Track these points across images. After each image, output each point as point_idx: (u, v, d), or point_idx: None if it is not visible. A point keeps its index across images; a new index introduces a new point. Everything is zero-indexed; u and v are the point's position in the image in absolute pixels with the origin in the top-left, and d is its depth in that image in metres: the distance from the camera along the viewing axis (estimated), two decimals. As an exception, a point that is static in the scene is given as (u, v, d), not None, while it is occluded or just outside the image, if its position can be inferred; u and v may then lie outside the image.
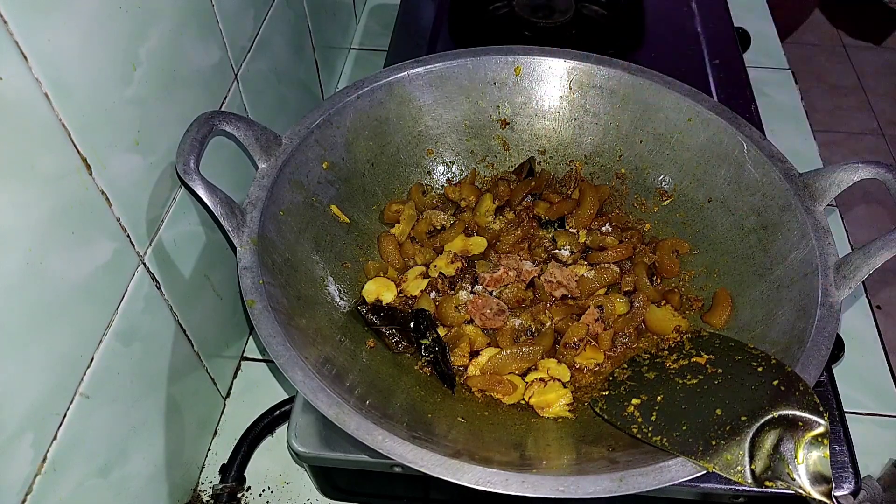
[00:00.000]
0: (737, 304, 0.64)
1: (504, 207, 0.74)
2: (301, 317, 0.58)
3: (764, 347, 0.57)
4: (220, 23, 0.63)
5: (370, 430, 0.48)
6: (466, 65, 0.74)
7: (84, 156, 0.46)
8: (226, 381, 0.74)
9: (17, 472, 0.42)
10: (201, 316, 0.65)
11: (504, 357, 0.62)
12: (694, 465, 0.48)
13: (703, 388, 0.55)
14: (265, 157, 0.63)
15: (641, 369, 0.60)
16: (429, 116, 0.75)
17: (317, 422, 0.58)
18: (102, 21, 0.46)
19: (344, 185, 0.70)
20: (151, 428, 0.58)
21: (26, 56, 0.39)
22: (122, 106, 0.49)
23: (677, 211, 0.73)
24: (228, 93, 0.66)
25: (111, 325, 0.50)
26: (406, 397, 0.58)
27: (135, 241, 0.53)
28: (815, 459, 0.47)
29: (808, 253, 0.60)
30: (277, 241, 0.61)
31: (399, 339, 0.64)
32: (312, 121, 0.67)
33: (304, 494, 0.68)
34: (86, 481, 0.49)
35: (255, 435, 0.69)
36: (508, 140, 0.78)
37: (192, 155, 0.55)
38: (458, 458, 0.48)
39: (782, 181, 0.64)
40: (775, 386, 0.52)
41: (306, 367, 0.51)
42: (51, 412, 0.45)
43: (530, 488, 0.47)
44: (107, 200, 0.49)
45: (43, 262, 0.42)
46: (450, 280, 0.68)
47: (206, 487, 0.67)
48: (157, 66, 0.53)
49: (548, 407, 0.60)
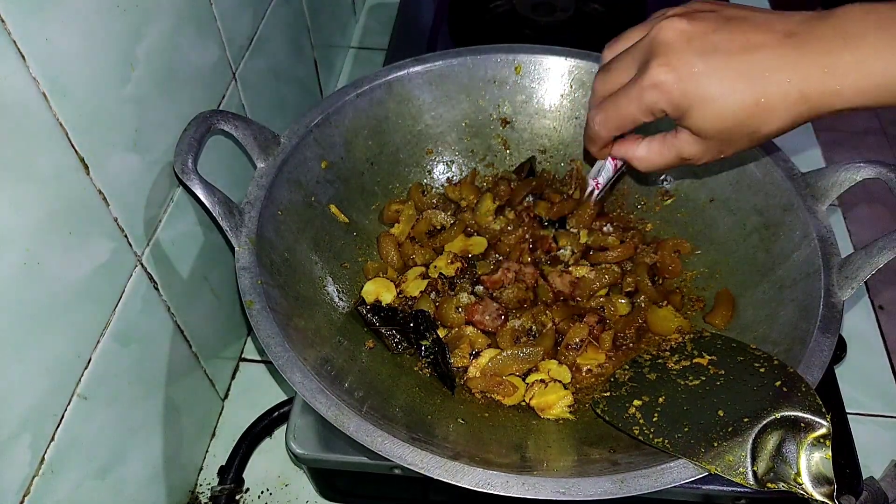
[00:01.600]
0: (739, 304, 0.64)
1: (504, 207, 0.74)
2: (300, 317, 0.58)
3: (766, 348, 0.57)
4: (218, 21, 0.63)
5: (369, 431, 0.48)
6: (466, 63, 0.73)
7: (82, 155, 0.45)
8: (224, 383, 0.73)
9: (15, 473, 0.42)
10: (199, 316, 0.65)
11: (504, 358, 0.62)
12: (696, 466, 0.48)
13: (705, 389, 0.55)
14: (263, 156, 0.63)
15: (643, 370, 0.60)
16: (428, 115, 0.75)
17: (316, 423, 0.57)
18: (100, 20, 0.46)
19: (343, 185, 0.70)
20: (149, 429, 0.58)
21: (24, 55, 0.39)
22: (120, 105, 0.49)
23: (679, 211, 0.73)
24: (226, 92, 0.66)
25: (109, 326, 0.50)
26: (406, 398, 0.58)
27: (132, 242, 0.52)
28: (818, 461, 0.47)
29: (810, 253, 0.60)
30: (276, 241, 0.60)
31: (399, 340, 0.63)
32: (311, 120, 0.67)
33: (302, 496, 0.67)
34: (83, 483, 0.49)
35: (253, 436, 0.68)
36: (509, 139, 0.77)
37: (189, 154, 0.55)
38: (458, 459, 0.48)
39: (784, 181, 0.64)
40: (777, 387, 0.52)
41: (305, 368, 0.51)
42: (48, 413, 0.45)
43: (531, 490, 0.46)
44: (104, 200, 0.48)
45: (40, 262, 0.42)
46: (450, 280, 0.68)
47: (205, 489, 0.67)
48: (155, 65, 0.53)
49: (548, 408, 0.59)
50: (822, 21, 0.46)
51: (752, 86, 0.46)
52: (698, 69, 0.47)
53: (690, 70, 0.47)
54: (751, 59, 0.46)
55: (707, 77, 0.47)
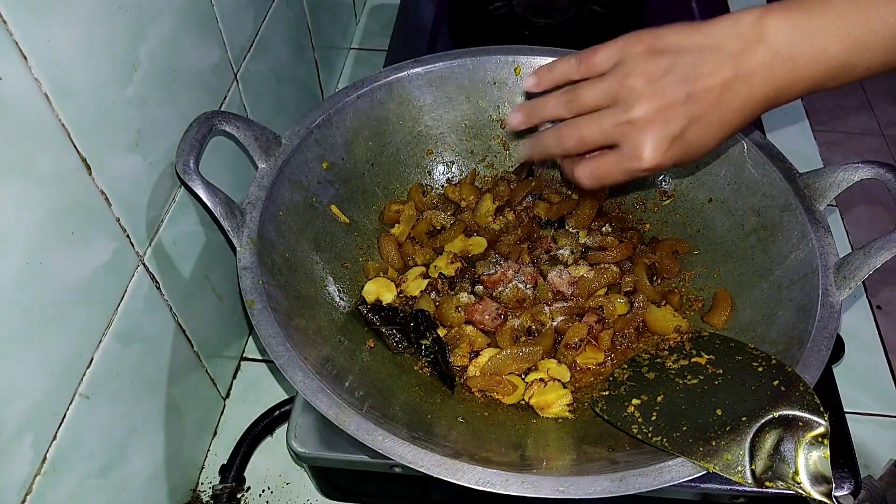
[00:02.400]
0: (737, 304, 0.64)
1: (504, 207, 0.74)
2: (301, 317, 0.58)
3: (764, 347, 0.57)
4: (219, 23, 0.63)
5: (370, 430, 0.48)
6: (466, 65, 0.74)
7: (84, 156, 0.45)
8: (225, 382, 0.74)
9: (17, 472, 0.42)
10: (201, 316, 0.65)
11: (504, 357, 0.62)
12: (694, 465, 0.48)
13: (704, 388, 0.55)
14: (265, 157, 0.63)
15: (641, 370, 0.60)
16: (429, 116, 0.75)
17: (316, 422, 0.58)
18: (102, 21, 0.46)
19: (344, 186, 0.70)
20: (151, 428, 0.58)
21: (26, 56, 0.39)
22: (122, 106, 0.49)
23: (677, 211, 0.73)
24: (228, 93, 0.66)
25: (111, 326, 0.50)
26: (406, 397, 0.58)
27: (134, 242, 0.53)
28: (816, 459, 0.47)
29: (808, 253, 0.60)
30: (277, 241, 0.61)
31: (399, 340, 0.64)
32: (312, 121, 0.67)
33: (303, 495, 0.68)
34: (85, 481, 0.49)
35: (254, 435, 0.69)
36: (508, 140, 0.78)
37: (191, 155, 0.55)
38: (457, 458, 0.48)
39: (783, 181, 0.64)
40: (776, 386, 0.52)
41: (306, 367, 0.51)
42: (50, 412, 0.45)
43: (530, 489, 0.47)
44: (106, 201, 0.49)
45: (43, 262, 0.42)
46: (450, 280, 0.68)
47: (206, 488, 0.67)
48: (156, 66, 0.53)
49: (548, 407, 0.60)
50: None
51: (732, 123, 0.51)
52: (677, 139, 0.50)
53: (668, 146, 0.50)
54: (724, 108, 0.50)
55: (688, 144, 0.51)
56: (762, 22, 0.48)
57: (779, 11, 0.48)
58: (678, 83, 0.49)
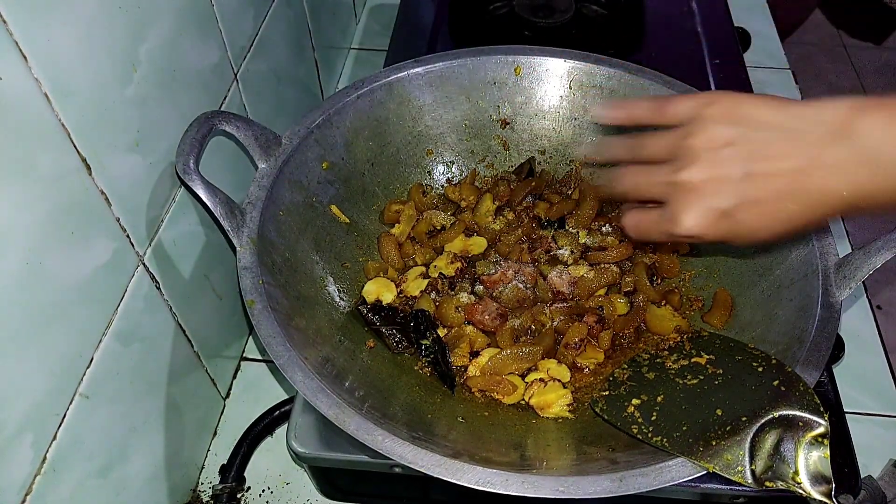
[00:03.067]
0: (737, 304, 0.64)
1: (504, 207, 0.74)
2: (301, 317, 0.58)
3: (764, 347, 0.57)
4: (219, 23, 0.63)
5: (370, 430, 0.48)
6: (466, 65, 0.74)
7: (84, 156, 0.46)
8: (225, 382, 0.74)
9: (17, 472, 0.42)
10: (201, 316, 0.65)
11: (504, 357, 0.62)
12: (694, 465, 0.48)
13: (704, 388, 0.55)
14: (265, 157, 0.63)
15: (641, 369, 0.60)
16: (429, 116, 0.75)
17: (316, 422, 0.58)
18: (102, 21, 0.46)
19: (344, 186, 0.70)
20: (151, 428, 0.58)
21: (26, 56, 0.39)
22: (122, 106, 0.49)
23: (677, 211, 0.73)
24: (228, 93, 0.66)
25: (111, 326, 0.50)
26: (406, 397, 0.58)
27: (134, 242, 0.53)
28: (816, 459, 0.47)
29: (808, 253, 0.60)
30: (277, 241, 0.61)
31: (399, 340, 0.64)
32: (312, 121, 0.67)
33: (303, 495, 0.68)
34: (85, 481, 0.49)
35: (254, 435, 0.69)
36: (508, 140, 0.78)
37: (191, 155, 0.55)
38: (458, 458, 0.48)
39: (782, 181, 0.64)
40: (776, 386, 0.52)
41: (306, 367, 0.51)
42: (50, 412, 0.45)
43: (530, 488, 0.47)
44: (106, 201, 0.49)
45: (43, 262, 0.42)
46: (450, 280, 0.68)
47: (206, 488, 0.67)
48: (156, 66, 0.53)
49: (548, 407, 0.60)
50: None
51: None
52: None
53: (714, 219, 0.47)
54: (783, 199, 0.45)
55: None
56: (854, 113, 0.43)
57: (876, 105, 0.43)
58: (738, 158, 0.45)
